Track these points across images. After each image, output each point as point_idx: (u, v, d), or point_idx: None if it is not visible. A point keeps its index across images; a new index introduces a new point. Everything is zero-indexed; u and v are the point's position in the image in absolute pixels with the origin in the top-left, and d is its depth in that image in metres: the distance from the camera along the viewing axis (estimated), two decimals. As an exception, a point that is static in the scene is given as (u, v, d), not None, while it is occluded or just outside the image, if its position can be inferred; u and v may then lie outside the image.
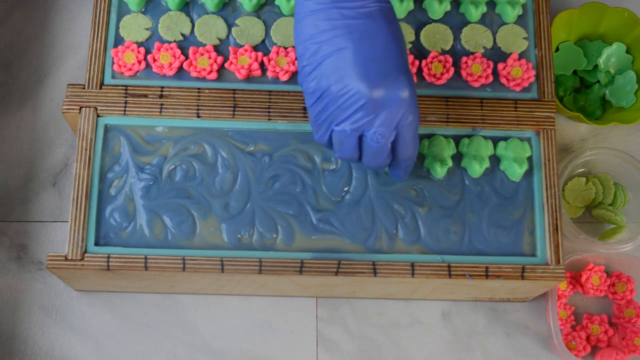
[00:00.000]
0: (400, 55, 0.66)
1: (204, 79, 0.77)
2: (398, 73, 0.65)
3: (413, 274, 0.73)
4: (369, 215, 0.75)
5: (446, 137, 0.77)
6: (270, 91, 0.77)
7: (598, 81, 0.89)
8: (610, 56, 0.88)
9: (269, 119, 0.76)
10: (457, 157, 0.77)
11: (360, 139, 0.67)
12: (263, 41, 0.79)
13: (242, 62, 0.77)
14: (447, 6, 0.80)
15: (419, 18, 0.80)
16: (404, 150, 0.68)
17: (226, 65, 0.77)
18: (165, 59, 0.77)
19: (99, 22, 0.78)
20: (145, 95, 0.77)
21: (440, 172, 0.75)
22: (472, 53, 0.79)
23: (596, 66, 0.89)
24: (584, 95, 0.89)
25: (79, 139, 0.75)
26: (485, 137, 0.77)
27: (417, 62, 0.78)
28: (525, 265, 0.74)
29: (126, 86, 0.77)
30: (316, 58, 0.65)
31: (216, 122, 0.76)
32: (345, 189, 0.76)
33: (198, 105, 0.76)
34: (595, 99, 0.89)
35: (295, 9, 0.67)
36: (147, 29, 0.78)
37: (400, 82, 0.65)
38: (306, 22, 0.66)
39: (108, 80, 0.77)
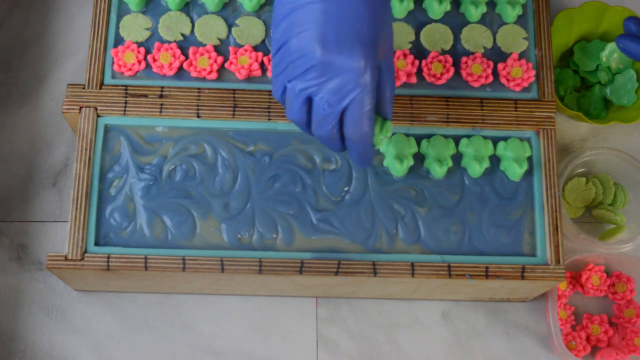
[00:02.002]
0: (368, 24, 0.62)
1: (204, 79, 0.77)
2: (357, 42, 0.62)
3: (413, 274, 0.73)
4: (369, 215, 0.75)
5: (446, 137, 0.77)
6: (270, 91, 0.77)
7: (599, 82, 0.89)
8: (613, 51, 0.88)
9: (269, 119, 0.76)
10: (457, 157, 0.77)
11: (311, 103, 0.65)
12: (263, 41, 0.79)
13: (242, 62, 0.77)
14: (447, 6, 0.80)
15: (419, 18, 0.80)
16: (350, 129, 0.64)
17: (226, 65, 0.77)
18: (165, 59, 0.77)
19: (99, 22, 0.78)
20: (145, 95, 0.77)
21: (440, 172, 0.75)
22: (472, 53, 0.79)
23: (597, 67, 0.89)
24: (586, 97, 0.89)
25: (79, 139, 0.75)
26: (485, 137, 0.77)
27: (417, 62, 0.78)
28: (525, 265, 0.74)
29: (126, 86, 0.77)
30: (286, 8, 0.63)
31: (216, 122, 0.76)
32: (345, 189, 0.76)
33: (198, 105, 0.76)
34: (598, 100, 0.89)
35: None
36: (147, 29, 0.79)
37: (355, 53, 0.61)
38: None
39: (108, 80, 0.77)
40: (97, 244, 0.73)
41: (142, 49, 0.77)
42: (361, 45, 0.62)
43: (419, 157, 0.76)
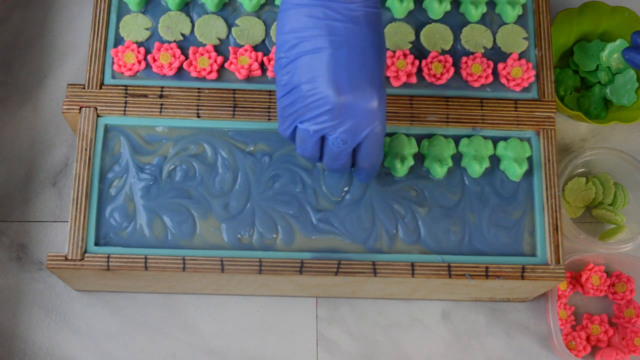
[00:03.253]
0: (376, 67, 0.66)
1: (204, 79, 0.77)
2: (369, 85, 0.65)
3: (413, 274, 0.73)
4: (369, 215, 0.75)
5: (446, 137, 0.77)
6: (270, 91, 0.77)
7: (599, 82, 0.89)
8: (613, 51, 0.88)
9: (269, 119, 0.76)
10: (457, 157, 0.77)
11: (323, 139, 0.68)
12: (263, 41, 0.79)
13: (242, 62, 0.77)
14: (447, 6, 0.80)
15: (419, 18, 0.80)
16: (364, 159, 0.69)
17: (226, 65, 0.77)
18: (165, 59, 0.77)
19: (99, 22, 0.78)
20: (145, 95, 0.77)
21: (440, 172, 0.75)
22: (472, 53, 0.79)
23: (597, 67, 0.89)
24: (587, 97, 0.89)
25: (79, 139, 0.75)
26: (485, 137, 0.77)
27: (417, 62, 0.78)
28: (525, 265, 0.74)
29: (126, 86, 0.77)
30: (293, 52, 0.65)
31: (216, 122, 0.76)
32: (345, 189, 0.76)
33: (198, 105, 0.76)
34: (598, 100, 0.89)
35: None
36: (147, 29, 0.79)
37: (369, 95, 0.65)
38: (290, 14, 0.65)
39: (108, 80, 0.77)
40: (97, 244, 0.73)
41: (142, 49, 0.77)
42: (374, 88, 0.65)
43: (419, 157, 0.76)
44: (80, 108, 0.76)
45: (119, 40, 0.78)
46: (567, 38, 0.90)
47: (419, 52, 0.79)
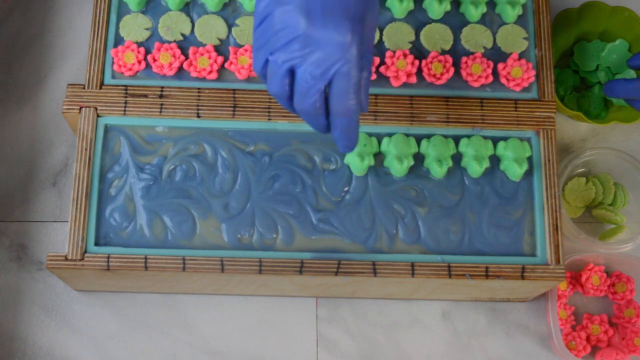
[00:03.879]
0: (357, 1, 0.62)
1: (204, 79, 0.77)
2: (343, 15, 0.61)
3: (413, 274, 0.73)
4: (369, 215, 0.75)
5: (446, 137, 0.77)
6: (270, 91, 0.77)
7: (599, 82, 0.89)
8: (612, 52, 0.88)
9: (269, 119, 0.76)
10: (457, 157, 0.77)
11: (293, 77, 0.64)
12: (263, 41, 0.79)
13: (242, 62, 0.77)
14: (447, 6, 0.80)
15: (419, 18, 0.80)
16: (336, 101, 0.63)
17: (226, 65, 0.77)
18: (165, 59, 0.77)
19: (99, 22, 0.78)
20: (145, 95, 0.77)
21: (440, 172, 0.75)
22: (472, 53, 0.79)
23: (597, 67, 0.89)
24: (587, 97, 0.89)
25: (79, 139, 0.75)
26: (485, 137, 0.77)
27: (417, 62, 0.78)
28: (525, 265, 0.74)
29: (126, 86, 0.77)
30: None
31: (216, 122, 0.76)
32: (345, 189, 0.76)
33: (198, 105, 0.76)
34: (598, 100, 0.89)
35: None
36: (147, 29, 0.78)
37: (341, 26, 0.60)
38: None
39: (108, 80, 0.77)
40: (97, 244, 0.73)
41: (142, 49, 0.77)
42: (349, 19, 0.61)
43: (419, 157, 0.76)
44: (80, 108, 0.76)
45: (119, 40, 0.78)
46: (567, 38, 0.90)
47: (419, 52, 0.79)
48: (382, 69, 0.78)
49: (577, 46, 0.90)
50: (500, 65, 0.79)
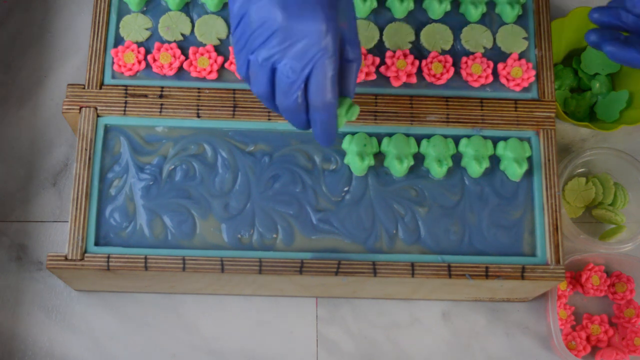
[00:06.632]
0: None
1: (204, 79, 0.77)
2: (317, 4, 0.61)
3: (413, 274, 0.73)
4: (369, 215, 0.75)
5: (446, 137, 0.77)
6: (270, 91, 0.77)
7: (590, 89, 0.89)
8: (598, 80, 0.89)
9: (269, 119, 0.76)
10: (457, 157, 0.77)
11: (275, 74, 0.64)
12: (263, 41, 0.79)
13: (242, 62, 0.77)
14: (447, 6, 0.80)
15: (419, 18, 0.80)
16: (315, 93, 0.63)
17: (226, 65, 0.77)
18: (165, 59, 0.77)
19: (99, 22, 0.78)
20: (145, 95, 0.77)
21: (440, 172, 0.75)
22: (472, 53, 0.79)
23: (595, 75, 0.89)
24: (575, 99, 0.89)
25: (79, 139, 0.75)
26: (485, 137, 0.77)
27: (417, 62, 0.78)
28: (525, 265, 0.74)
29: (126, 86, 0.77)
30: None
31: (216, 122, 0.76)
32: (345, 189, 0.76)
33: (198, 105, 0.76)
34: (585, 106, 0.89)
35: None
36: (147, 29, 0.79)
37: (317, 14, 0.60)
38: None
39: (108, 80, 0.77)
40: (97, 244, 0.73)
41: (142, 49, 0.77)
42: (322, 7, 0.61)
43: (419, 157, 0.76)
44: (80, 108, 0.76)
45: (119, 40, 0.78)
46: (581, 36, 0.88)
47: (419, 52, 0.79)
48: (382, 69, 0.78)
49: (589, 48, 0.89)
50: (500, 65, 0.79)
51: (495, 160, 0.77)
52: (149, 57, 0.77)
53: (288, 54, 0.61)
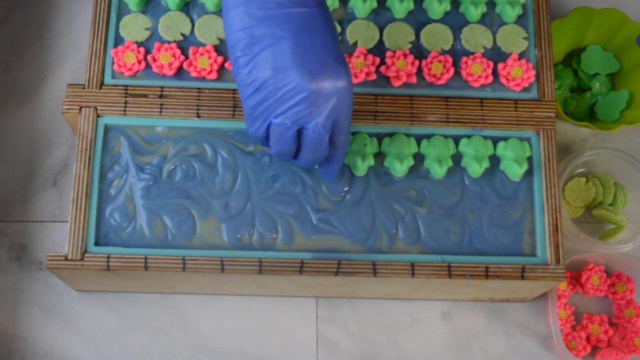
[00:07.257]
0: (335, 43, 0.64)
1: (204, 79, 0.77)
2: (336, 62, 0.64)
3: (413, 274, 0.73)
4: (369, 215, 0.75)
5: (446, 137, 0.77)
6: (270, 91, 0.77)
7: (590, 89, 0.89)
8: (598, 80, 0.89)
9: (269, 119, 0.76)
10: (457, 157, 0.77)
11: (299, 132, 0.66)
12: (263, 41, 0.79)
13: (242, 62, 0.77)
14: (447, 6, 0.80)
15: (419, 18, 0.80)
16: (339, 137, 0.67)
17: (226, 65, 0.77)
18: (165, 59, 0.77)
19: (99, 22, 0.78)
20: (145, 95, 0.77)
21: (440, 172, 0.75)
22: (472, 53, 0.79)
23: (595, 75, 0.89)
24: (575, 99, 0.89)
25: (79, 139, 0.75)
26: (485, 137, 0.77)
27: (417, 62, 0.78)
28: (525, 265, 0.74)
29: (126, 86, 0.77)
30: (253, 49, 0.63)
31: (216, 122, 0.76)
32: (345, 189, 0.76)
33: (198, 105, 0.76)
34: (585, 106, 0.89)
35: None
36: (147, 29, 0.79)
37: (339, 72, 0.63)
38: (238, 10, 0.64)
39: (108, 80, 0.77)
40: (97, 244, 0.73)
41: (142, 49, 0.77)
42: (340, 63, 0.64)
43: (419, 157, 0.76)
44: (80, 108, 0.76)
45: (119, 40, 0.78)
46: (581, 36, 0.88)
47: (419, 52, 0.79)
48: (382, 69, 0.78)
49: (591, 47, 0.89)
50: (500, 65, 0.79)
51: (495, 160, 0.77)
52: (149, 57, 0.77)
53: (320, 115, 0.64)
